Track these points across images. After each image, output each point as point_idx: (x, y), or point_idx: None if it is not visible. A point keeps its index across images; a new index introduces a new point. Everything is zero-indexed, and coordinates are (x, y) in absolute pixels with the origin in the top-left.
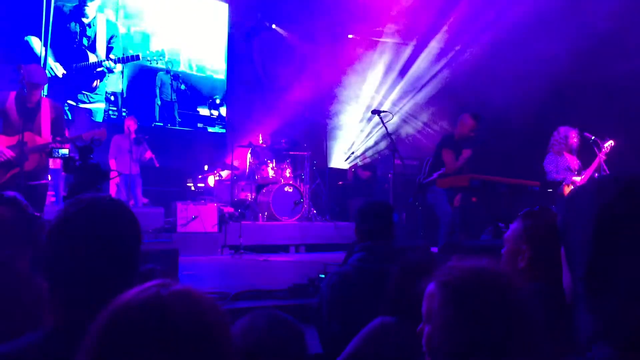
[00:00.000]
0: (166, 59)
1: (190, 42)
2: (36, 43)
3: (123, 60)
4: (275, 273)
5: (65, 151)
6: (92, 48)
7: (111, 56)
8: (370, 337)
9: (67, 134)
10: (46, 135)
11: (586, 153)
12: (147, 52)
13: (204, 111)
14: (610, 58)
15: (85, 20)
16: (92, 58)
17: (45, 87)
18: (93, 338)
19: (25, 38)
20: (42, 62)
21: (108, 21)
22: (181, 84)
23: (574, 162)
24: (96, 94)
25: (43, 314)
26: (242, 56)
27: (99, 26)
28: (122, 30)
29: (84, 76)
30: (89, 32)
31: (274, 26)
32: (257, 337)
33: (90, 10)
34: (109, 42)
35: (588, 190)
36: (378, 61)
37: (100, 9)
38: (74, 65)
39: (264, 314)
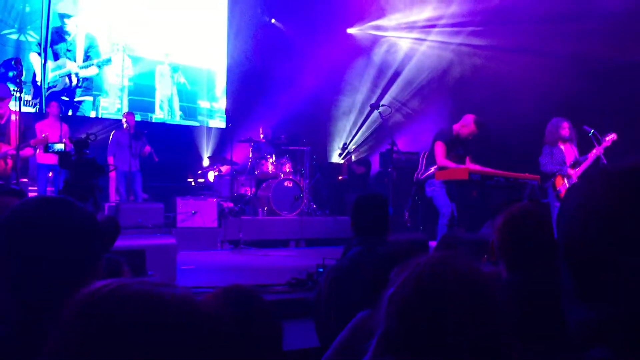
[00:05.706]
0: (111, 65)
1: (190, 35)
2: (34, 59)
3: (82, 67)
4: (275, 267)
5: (61, 146)
6: (73, 59)
7: (80, 63)
8: (357, 329)
9: (40, 136)
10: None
11: (587, 146)
12: (95, 61)
13: (204, 104)
14: (610, 51)
15: (68, 38)
16: (71, 66)
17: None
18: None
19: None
20: (42, 75)
21: (87, 35)
22: (181, 78)
23: (570, 153)
24: (88, 88)
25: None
26: (242, 50)
27: (78, 39)
28: (119, 24)
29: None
30: (70, 47)
31: (273, 20)
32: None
33: (70, 27)
34: (86, 51)
35: (580, 184)
36: (377, 55)
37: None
38: (58, 76)
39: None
